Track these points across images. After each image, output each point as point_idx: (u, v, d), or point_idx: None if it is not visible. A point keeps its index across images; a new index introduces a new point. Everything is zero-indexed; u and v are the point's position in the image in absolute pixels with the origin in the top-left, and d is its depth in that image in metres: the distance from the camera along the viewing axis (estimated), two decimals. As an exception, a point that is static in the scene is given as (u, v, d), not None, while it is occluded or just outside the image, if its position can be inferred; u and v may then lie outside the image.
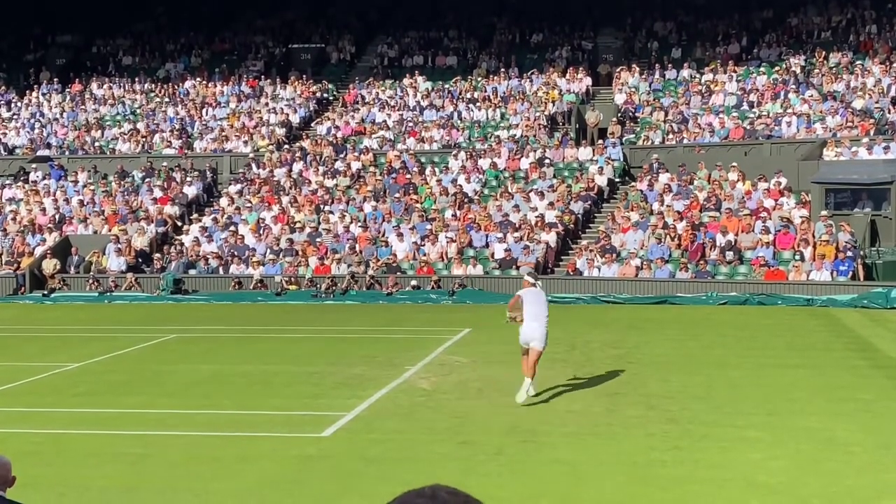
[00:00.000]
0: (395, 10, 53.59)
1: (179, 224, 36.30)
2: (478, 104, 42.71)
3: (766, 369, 17.04)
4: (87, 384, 16.69)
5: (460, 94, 43.97)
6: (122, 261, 33.13)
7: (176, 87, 47.87)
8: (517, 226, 32.19)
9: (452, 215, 33.64)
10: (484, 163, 37.25)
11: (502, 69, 45.42)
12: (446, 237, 32.03)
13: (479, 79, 45.14)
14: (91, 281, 32.31)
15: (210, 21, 53.42)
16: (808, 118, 36.60)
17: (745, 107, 39.19)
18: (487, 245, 31.91)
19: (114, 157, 42.00)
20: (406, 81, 45.61)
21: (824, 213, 29.18)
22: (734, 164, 33.83)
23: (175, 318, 26.40)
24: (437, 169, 37.46)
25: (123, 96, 47.51)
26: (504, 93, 43.38)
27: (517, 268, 30.36)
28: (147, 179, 39.00)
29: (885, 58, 39.86)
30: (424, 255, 31.63)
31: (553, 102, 41.70)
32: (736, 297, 27.25)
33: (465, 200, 34.63)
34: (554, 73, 44.08)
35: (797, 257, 28.28)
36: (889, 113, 35.78)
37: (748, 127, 37.04)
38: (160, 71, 50.35)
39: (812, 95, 38.30)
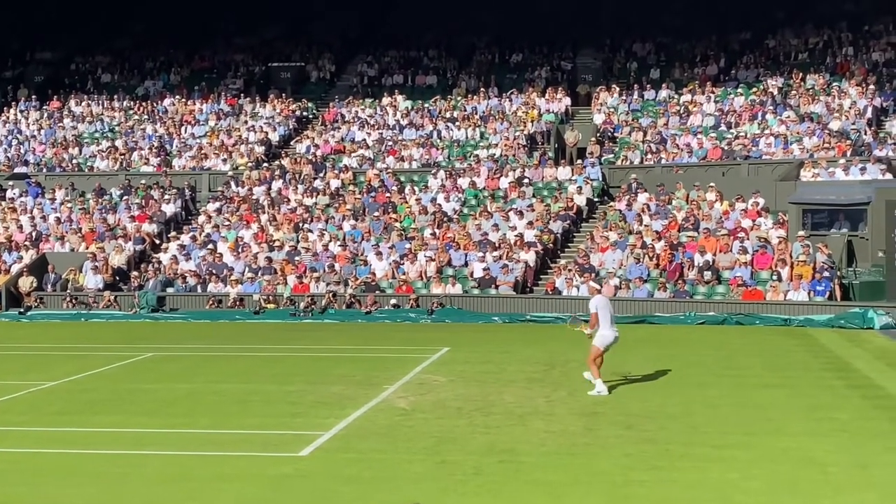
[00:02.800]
0: (375, 29, 53.73)
1: (157, 242, 36.15)
2: (457, 123, 42.83)
3: (743, 389, 17.09)
4: (63, 403, 16.54)
5: (440, 113, 44.09)
6: (99, 279, 32.95)
7: (155, 104, 47.78)
8: (496, 245, 32.24)
9: (432, 234, 33.66)
10: (463, 182, 37.32)
11: (482, 88, 45.60)
12: (425, 256, 32.04)
13: (459, 98, 45.29)
14: (68, 299, 32.09)
15: (189, 39, 53.41)
16: (785, 139, 36.89)
17: (723, 127, 39.47)
18: (466, 264, 31.93)
19: (92, 174, 41.83)
20: (386, 100, 45.71)
21: (801, 233, 29.36)
22: (712, 184, 34.04)
23: (152, 336, 26.24)
24: (416, 188, 37.50)
25: (102, 114, 47.39)
26: (483, 112, 43.53)
27: (496, 287, 30.40)
28: (125, 197, 38.85)
29: (862, 80, 40.26)
30: (403, 273, 31.62)
31: (532, 122, 41.87)
32: (714, 317, 27.36)
33: (445, 219, 34.66)
34: (533, 92, 44.29)
35: (774, 277, 28.44)
36: (865, 134, 36.11)
37: (726, 147, 37.29)
38: (139, 88, 50.27)
39: (789, 116, 38.62)
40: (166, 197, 38.54)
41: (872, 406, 15.44)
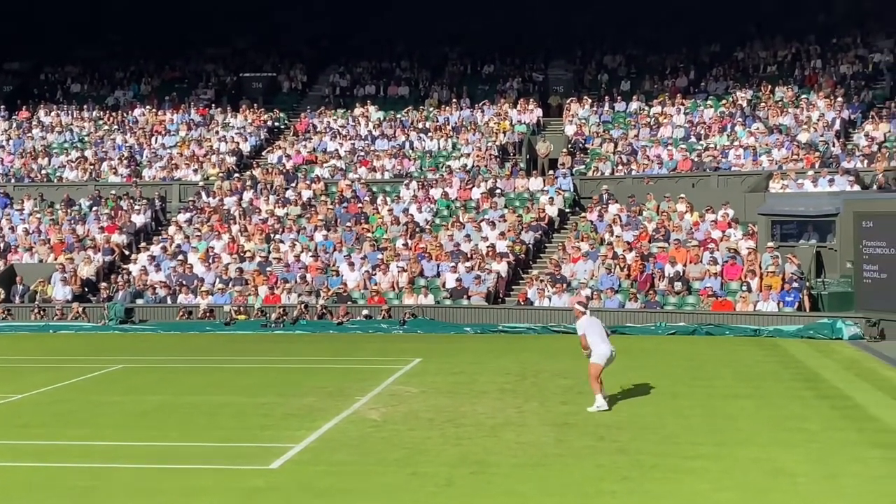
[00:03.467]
0: (346, 39, 53.73)
1: (127, 253, 35.90)
2: (429, 134, 42.88)
3: (713, 399, 17.18)
4: (32, 415, 16.38)
5: (412, 123, 44.13)
6: (67, 290, 32.67)
7: (125, 114, 47.51)
8: (468, 255, 32.26)
9: (404, 245, 33.64)
10: (435, 192, 37.35)
11: (454, 99, 45.68)
12: (397, 266, 32.00)
13: (431, 109, 45.35)
14: (36, 310, 31.79)
15: (160, 49, 53.16)
16: (754, 151, 37.18)
17: (693, 139, 39.74)
18: (439, 274, 31.93)
19: (61, 185, 41.49)
20: (358, 111, 45.69)
21: (771, 244, 29.58)
22: (682, 195, 34.23)
23: (121, 348, 26.05)
24: (388, 198, 37.48)
25: (71, 124, 47.06)
26: (456, 123, 43.60)
27: (468, 297, 30.41)
28: (94, 208, 38.56)
29: (830, 92, 40.67)
30: (375, 284, 31.57)
31: (504, 133, 41.98)
32: (684, 328, 27.49)
33: (417, 230, 34.66)
34: (505, 104, 44.42)
35: (744, 288, 28.62)
36: (833, 146, 36.47)
37: (696, 159, 37.54)
38: (109, 98, 49.98)
39: (758, 128, 38.94)
40: (136, 207, 38.29)
41: (841, 416, 15.56)
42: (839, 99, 39.90)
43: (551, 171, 38.74)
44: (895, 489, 11.25)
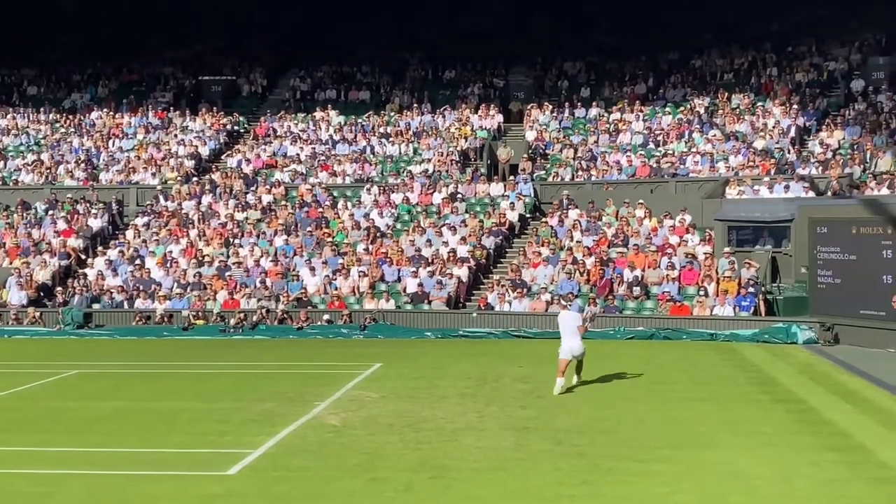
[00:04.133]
0: (307, 43, 53.60)
1: (83, 257, 35.52)
2: (390, 139, 42.86)
3: (671, 403, 17.32)
4: (-16, 422, 16.16)
5: (373, 128, 44.09)
6: (23, 294, 32.27)
7: (82, 117, 47.04)
8: (429, 260, 32.28)
9: (364, 249, 33.59)
10: (396, 197, 37.33)
11: (415, 104, 45.71)
12: (358, 271, 31.94)
13: (392, 114, 45.35)
14: (-10, 315, 31.35)
15: (118, 52, 52.69)
16: (711, 157, 37.55)
17: (652, 145, 40.05)
18: (400, 279, 31.90)
19: (16, 188, 40.99)
20: (318, 115, 45.58)
21: (727, 249, 29.88)
22: (641, 201, 34.50)
23: (78, 353, 25.77)
24: (349, 203, 37.41)
25: (27, 126, 46.52)
26: (417, 128, 43.62)
27: (429, 302, 30.42)
28: (50, 211, 38.13)
29: (786, 99, 41.16)
30: (336, 289, 31.48)
31: (465, 138, 42.06)
32: (643, 332, 27.69)
33: (378, 235, 34.62)
34: (466, 109, 44.51)
35: (701, 293, 28.88)
36: (789, 153, 36.91)
37: (654, 165, 37.84)
38: (66, 101, 49.47)
39: (715, 135, 39.33)
40: (93, 211, 37.92)
41: (796, 420, 15.75)
42: (794, 106, 40.40)
43: (512, 177, 38.87)
44: (849, 492, 11.41)
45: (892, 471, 12.36)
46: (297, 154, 42.21)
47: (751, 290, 28.43)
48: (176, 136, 44.54)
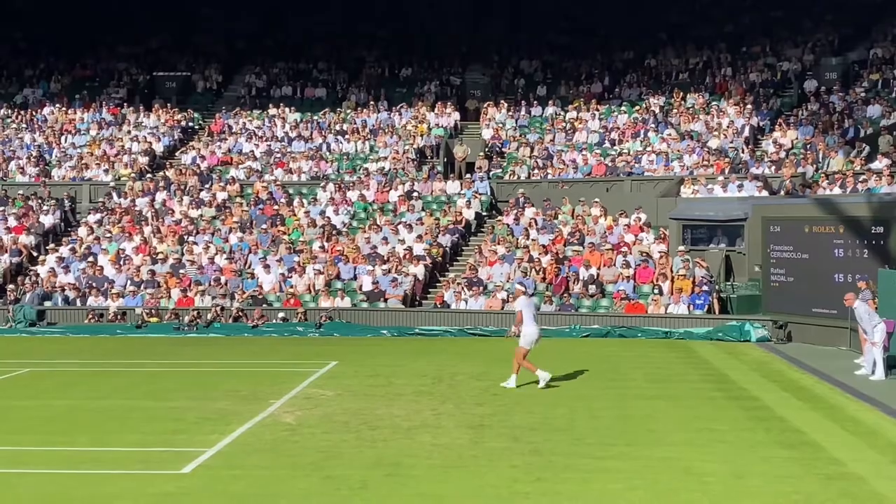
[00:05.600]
0: (262, 39, 53.25)
1: (35, 254, 35.03)
2: (347, 136, 42.73)
3: (626, 400, 17.43)
4: (-68, 422, 15.88)
5: (329, 125, 43.93)
6: (-28, 292, 31.77)
7: (34, 113, 46.40)
8: (385, 258, 32.22)
9: (320, 247, 33.45)
10: (353, 195, 37.23)
11: (371, 102, 45.61)
12: (314, 269, 31.80)
13: (349, 111, 45.22)
14: (-62, 313, 30.83)
15: (71, 47, 52.02)
16: (666, 156, 37.84)
17: (607, 144, 40.29)
18: (356, 277, 31.82)
19: (-34, 184, 40.35)
20: (274, 112, 45.32)
21: (682, 248, 30.12)
22: (597, 199, 34.70)
23: (29, 351, 25.41)
24: (305, 200, 37.23)
25: (-23, 121, 45.79)
26: (373, 125, 43.53)
27: (385, 300, 30.37)
28: (1, 208, 37.57)
29: (740, 99, 41.58)
30: (291, 287, 31.33)
31: (422, 136, 42.05)
32: (598, 330, 27.85)
33: (334, 232, 34.50)
34: (423, 107, 44.49)
35: (656, 291, 29.10)
36: (743, 152, 37.29)
37: (610, 164, 38.06)
38: (17, 96, 48.76)
39: (670, 134, 39.65)
40: (45, 208, 37.42)
41: (749, 417, 15.91)
42: (748, 106, 40.82)
43: (468, 175, 38.93)
44: (801, 488, 11.54)
45: (844, 467, 12.53)
46: (253, 151, 41.95)
47: (705, 288, 28.69)
48: (129, 132, 44.08)
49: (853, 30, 45.63)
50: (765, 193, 32.63)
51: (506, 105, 44.31)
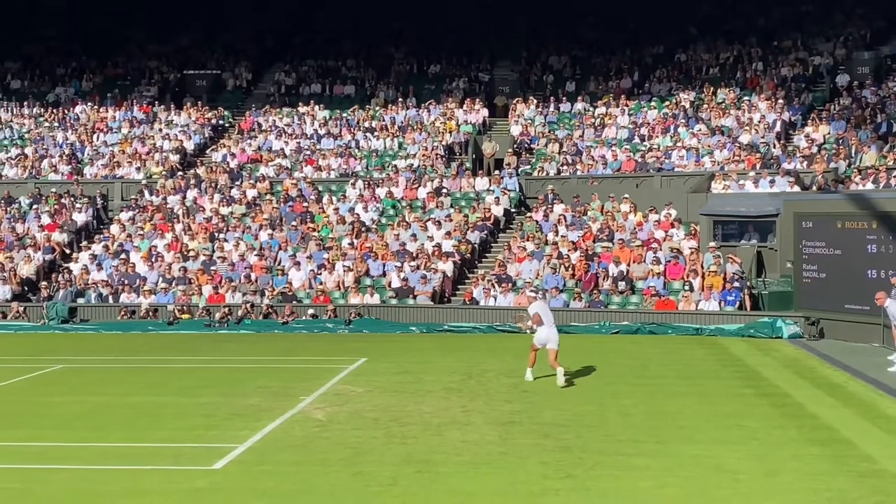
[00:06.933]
0: (292, 37, 53.45)
1: (68, 252, 35.37)
2: (375, 133, 42.80)
3: (656, 397, 17.36)
4: (-33, 417, 16.07)
5: (358, 122, 44.01)
6: (7, 289, 32.12)
7: (66, 111, 46.81)
8: (414, 255, 32.26)
9: (349, 244, 33.54)
10: (381, 192, 37.29)
11: (400, 99, 45.64)
12: (343, 266, 31.90)
13: (377, 108, 45.28)
14: (-27, 310, 31.18)
15: (102, 45, 52.44)
16: (696, 152, 37.61)
17: (637, 140, 40.10)
18: (385, 274, 31.88)
19: (0, 182, 40.77)
20: (303, 109, 45.46)
21: (712, 244, 29.95)
22: (626, 195, 34.53)
23: (62, 348, 25.67)
24: (334, 197, 37.35)
25: (11, 120, 46.27)
26: (402, 122, 43.57)
27: (414, 297, 30.41)
28: (34, 206, 37.96)
29: (771, 94, 41.25)
30: (321, 283, 31.44)
31: (450, 133, 42.04)
32: (628, 327, 27.74)
33: (363, 229, 34.58)
34: (451, 103, 44.47)
35: (686, 287, 28.94)
36: (774, 148, 37.01)
37: (639, 160, 37.89)
38: (50, 95, 49.21)
39: (701, 130, 39.40)
40: (77, 206, 37.75)
41: (781, 414, 15.81)
42: (780, 101, 40.49)
43: (497, 171, 38.88)
44: (833, 485, 11.46)
45: (876, 464, 12.42)
46: (282, 148, 42.11)
47: (736, 284, 28.52)
48: (161, 130, 44.39)
49: (886, 24, 45.13)
50: (796, 189, 32.38)
51: (534, 101, 44.19)
